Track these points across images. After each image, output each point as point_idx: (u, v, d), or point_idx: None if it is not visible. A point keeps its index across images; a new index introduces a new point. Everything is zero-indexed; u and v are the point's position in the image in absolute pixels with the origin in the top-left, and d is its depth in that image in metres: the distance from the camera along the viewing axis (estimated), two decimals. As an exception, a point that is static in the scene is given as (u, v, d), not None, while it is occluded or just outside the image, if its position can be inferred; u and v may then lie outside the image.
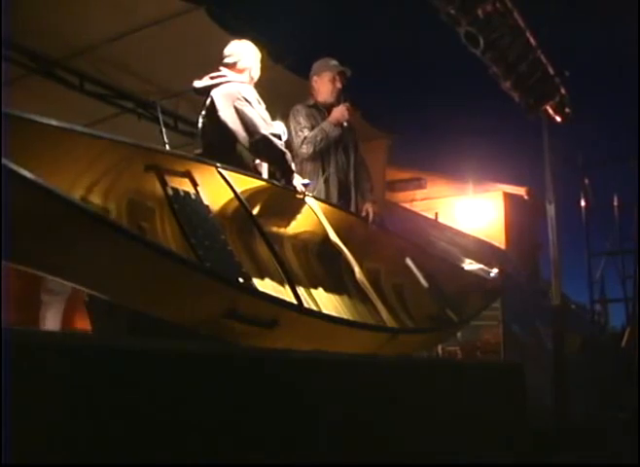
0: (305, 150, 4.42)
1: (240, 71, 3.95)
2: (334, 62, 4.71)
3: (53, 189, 2.01)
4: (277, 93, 4.67)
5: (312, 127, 4.55)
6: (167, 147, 5.74)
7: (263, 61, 4.11)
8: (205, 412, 2.02)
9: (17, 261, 2.25)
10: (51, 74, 5.88)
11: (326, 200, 4.28)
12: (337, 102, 4.64)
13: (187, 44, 5.58)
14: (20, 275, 4.32)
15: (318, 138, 4.48)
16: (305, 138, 4.44)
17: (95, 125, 6.42)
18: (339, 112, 4.58)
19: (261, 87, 4.05)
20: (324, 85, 4.68)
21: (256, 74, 4.04)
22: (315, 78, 4.74)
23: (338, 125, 4.58)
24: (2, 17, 4.43)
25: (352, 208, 4.62)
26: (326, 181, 4.51)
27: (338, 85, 4.66)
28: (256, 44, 4.11)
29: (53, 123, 2.47)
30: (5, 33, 5.03)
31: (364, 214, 4.57)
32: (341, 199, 4.55)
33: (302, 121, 4.53)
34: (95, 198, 2.80)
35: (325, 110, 4.66)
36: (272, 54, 5.01)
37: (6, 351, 1.48)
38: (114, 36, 5.50)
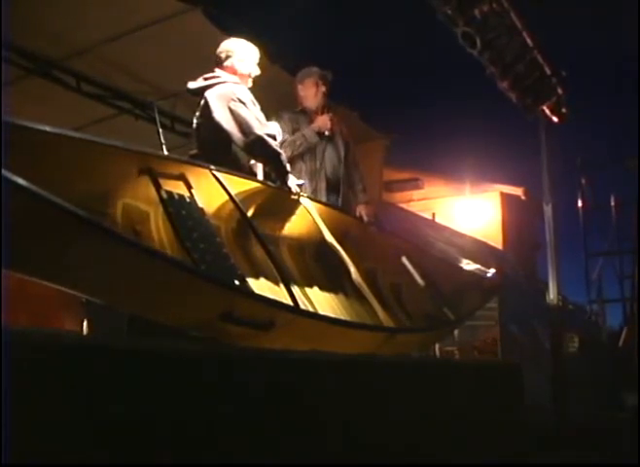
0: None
1: (232, 69, 3.95)
2: (314, 68, 4.89)
3: (46, 194, 2.00)
4: (273, 94, 4.68)
5: (293, 131, 4.70)
6: (164, 148, 5.74)
7: (260, 61, 4.11)
8: (204, 412, 2.02)
9: (12, 267, 2.25)
10: (48, 75, 5.87)
11: (321, 201, 4.30)
12: (323, 106, 4.81)
13: (184, 44, 5.57)
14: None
15: (297, 143, 4.64)
16: (284, 141, 4.50)
17: (92, 125, 6.42)
18: (322, 121, 4.74)
19: (257, 87, 4.06)
20: (309, 90, 4.85)
21: (247, 69, 4.01)
22: (300, 86, 4.90)
23: (321, 132, 4.70)
24: (2, 18, 4.43)
25: (340, 202, 4.71)
26: (313, 177, 4.57)
27: (322, 88, 4.82)
28: (253, 44, 4.10)
29: (47, 128, 2.46)
30: (5, 35, 5.03)
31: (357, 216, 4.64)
32: (330, 194, 4.62)
33: (283, 125, 4.62)
34: (90, 203, 2.79)
35: (311, 114, 4.81)
36: (270, 55, 5.02)
37: (6, 351, 1.48)
38: (111, 37, 5.49)
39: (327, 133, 4.72)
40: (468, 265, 5.41)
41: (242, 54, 4.01)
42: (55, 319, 4.22)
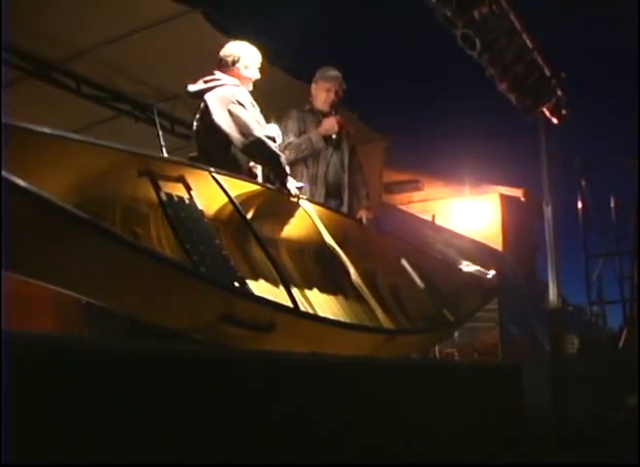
0: (287, 155, 4.43)
1: (237, 73, 3.95)
2: (333, 73, 4.80)
3: (46, 196, 2.01)
4: (273, 95, 4.68)
5: (299, 132, 4.62)
6: (164, 150, 5.75)
7: (260, 63, 4.11)
8: (203, 413, 2.02)
9: (12, 269, 2.25)
10: (47, 77, 5.87)
11: (320, 203, 4.29)
12: (331, 112, 4.71)
13: (184, 46, 5.58)
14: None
15: (302, 147, 4.55)
16: (290, 144, 4.47)
17: (92, 127, 6.42)
18: (329, 124, 4.64)
19: (256, 89, 4.06)
20: (320, 93, 4.77)
21: (250, 73, 4.01)
22: (314, 85, 4.84)
23: (327, 135, 4.63)
24: (2, 22, 4.43)
25: (346, 209, 4.66)
26: (313, 181, 4.55)
27: (332, 96, 4.73)
28: (253, 45, 4.11)
29: (47, 130, 2.47)
30: (5, 39, 5.03)
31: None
32: (330, 200, 4.59)
33: (290, 125, 4.59)
34: (89, 205, 2.79)
35: (318, 115, 4.73)
36: (269, 56, 5.01)
37: (6, 352, 1.49)
38: (111, 39, 5.49)
39: (334, 137, 4.67)
40: (467, 266, 5.40)
41: (249, 60, 4.01)
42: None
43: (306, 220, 3.97)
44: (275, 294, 3.32)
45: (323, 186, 4.60)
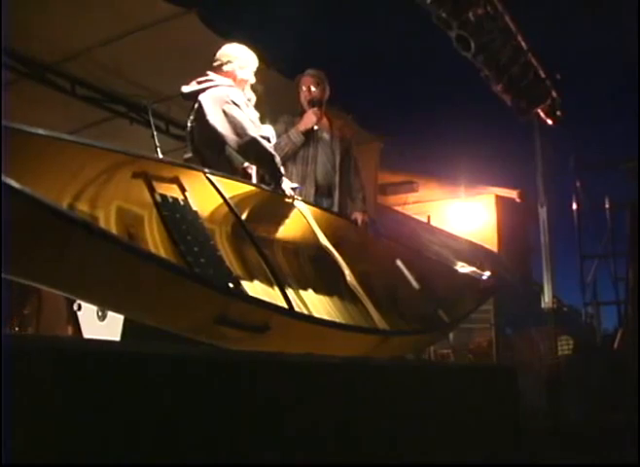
0: None
1: (232, 75, 3.95)
2: (306, 71, 4.84)
3: (40, 198, 2.00)
4: (269, 98, 4.68)
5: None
6: (159, 151, 5.75)
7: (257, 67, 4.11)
8: (199, 414, 2.02)
9: (7, 271, 2.24)
10: (42, 78, 5.86)
11: (315, 204, 4.30)
12: (311, 107, 4.73)
13: (179, 48, 5.58)
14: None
15: (282, 144, 4.54)
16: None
17: (87, 129, 6.42)
18: (307, 118, 4.67)
19: (252, 91, 4.06)
20: (299, 92, 4.81)
21: (245, 74, 4.01)
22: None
23: (309, 130, 4.65)
24: (2, 25, 4.43)
25: (337, 209, 4.67)
26: (302, 180, 4.55)
27: (307, 92, 4.76)
28: (248, 47, 4.11)
29: (40, 131, 2.46)
30: (4, 42, 5.03)
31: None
32: (320, 200, 4.60)
33: (277, 128, 4.60)
34: (83, 206, 2.79)
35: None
36: (266, 59, 5.02)
37: (6, 354, 1.49)
38: (105, 40, 5.49)
39: (316, 128, 4.68)
40: (463, 267, 5.41)
41: (244, 62, 4.01)
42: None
43: (301, 221, 3.97)
44: (270, 295, 3.32)
45: (312, 185, 4.60)
